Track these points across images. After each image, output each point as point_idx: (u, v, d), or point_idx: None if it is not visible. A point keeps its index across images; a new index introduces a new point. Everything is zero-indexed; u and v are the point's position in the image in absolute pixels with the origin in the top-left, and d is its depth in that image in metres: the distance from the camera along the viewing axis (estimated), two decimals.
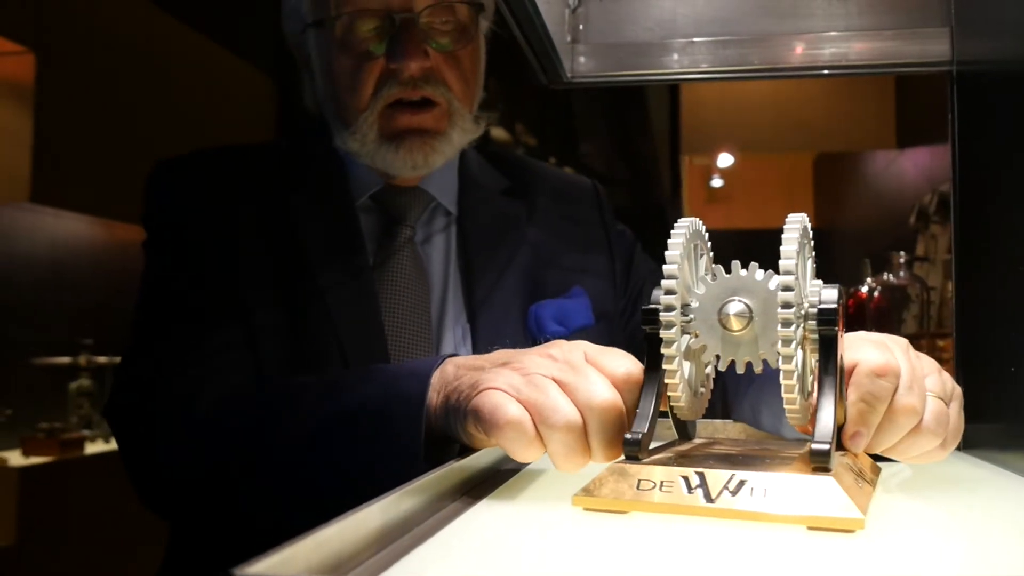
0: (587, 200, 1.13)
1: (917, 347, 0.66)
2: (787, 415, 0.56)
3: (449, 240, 1.01)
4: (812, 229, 0.61)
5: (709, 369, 0.63)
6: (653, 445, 0.59)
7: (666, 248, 0.57)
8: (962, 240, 0.90)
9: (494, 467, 0.71)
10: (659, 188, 6.44)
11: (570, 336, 0.98)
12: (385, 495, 0.48)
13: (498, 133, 9.45)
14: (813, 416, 0.56)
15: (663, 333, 0.57)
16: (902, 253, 2.43)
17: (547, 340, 0.93)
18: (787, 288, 0.53)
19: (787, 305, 0.53)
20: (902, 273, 2.40)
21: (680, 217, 0.60)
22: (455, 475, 0.61)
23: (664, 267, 0.56)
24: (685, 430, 0.66)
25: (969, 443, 0.86)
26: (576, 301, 1.01)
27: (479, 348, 0.94)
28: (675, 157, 5.68)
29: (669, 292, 0.57)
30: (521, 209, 1.05)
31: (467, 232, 1.01)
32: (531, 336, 0.98)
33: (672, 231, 0.58)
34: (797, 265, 0.54)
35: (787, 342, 0.53)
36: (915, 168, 4.17)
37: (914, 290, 2.44)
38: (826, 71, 1.02)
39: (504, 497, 0.61)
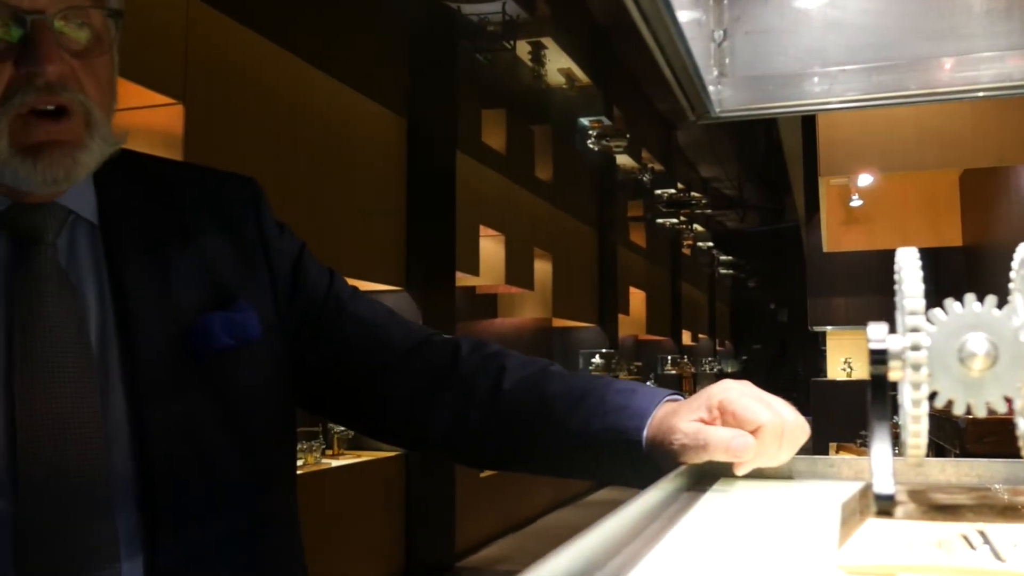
0: (241, 203, 1.03)
1: None
2: None
3: (97, 253, 0.93)
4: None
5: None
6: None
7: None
8: None
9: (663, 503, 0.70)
10: (794, 210, 6.27)
11: (239, 350, 0.92)
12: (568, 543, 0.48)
13: (624, 160, 9.43)
14: None
15: (911, 376, 0.51)
16: None
17: (217, 354, 0.91)
18: None
19: None
20: None
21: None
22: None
23: (906, 302, 0.52)
24: None
25: None
26: (244, 314, 0.95)
27: (141, 366, 0.88)
28: (811, 178, 5.52)
29: (914, 330, 0.51)
30: (169, 217, 0.97)
31: (116, 243, 0.93)
32: (194, 350, 0.91)
33: (901, 260, 0.53)
34: None
35: None
36: None
37: None
38: (981, 93, 0.98)
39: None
